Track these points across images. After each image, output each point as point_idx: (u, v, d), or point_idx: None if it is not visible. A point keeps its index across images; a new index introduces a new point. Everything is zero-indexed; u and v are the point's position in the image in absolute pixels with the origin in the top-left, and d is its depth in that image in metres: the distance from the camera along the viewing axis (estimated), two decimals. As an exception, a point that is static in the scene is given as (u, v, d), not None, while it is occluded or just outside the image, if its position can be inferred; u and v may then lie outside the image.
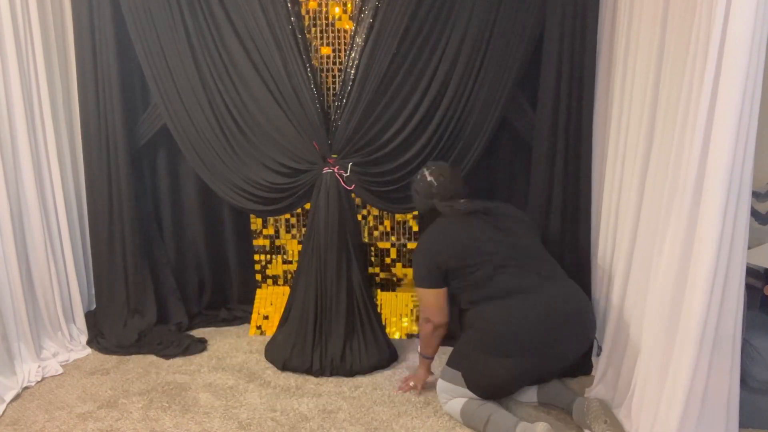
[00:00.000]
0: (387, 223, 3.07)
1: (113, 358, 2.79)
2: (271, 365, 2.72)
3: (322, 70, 2.86)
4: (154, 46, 2.74)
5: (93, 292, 3.09)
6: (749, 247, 1.74)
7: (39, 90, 2.66)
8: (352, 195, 2.79)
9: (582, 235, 2.62)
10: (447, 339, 2.38)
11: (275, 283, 3.23)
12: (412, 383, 2.46)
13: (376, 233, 3.09)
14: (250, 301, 3.17)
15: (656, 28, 2.02)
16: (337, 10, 2.82)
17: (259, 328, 3.08)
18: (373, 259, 3.12)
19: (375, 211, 3.05)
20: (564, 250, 2.62)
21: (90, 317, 3.00)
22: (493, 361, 2.11)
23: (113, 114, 2.81)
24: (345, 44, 2.83)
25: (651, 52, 2.06)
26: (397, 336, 3.00)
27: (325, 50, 2.86)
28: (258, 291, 3.22)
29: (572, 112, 2.53)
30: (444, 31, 2.59)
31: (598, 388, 2.36)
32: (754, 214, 2.47)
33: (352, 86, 2.66)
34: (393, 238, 3.09)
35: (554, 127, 2.56)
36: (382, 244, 3.10)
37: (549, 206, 2.62)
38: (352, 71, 2.66)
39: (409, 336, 2.99)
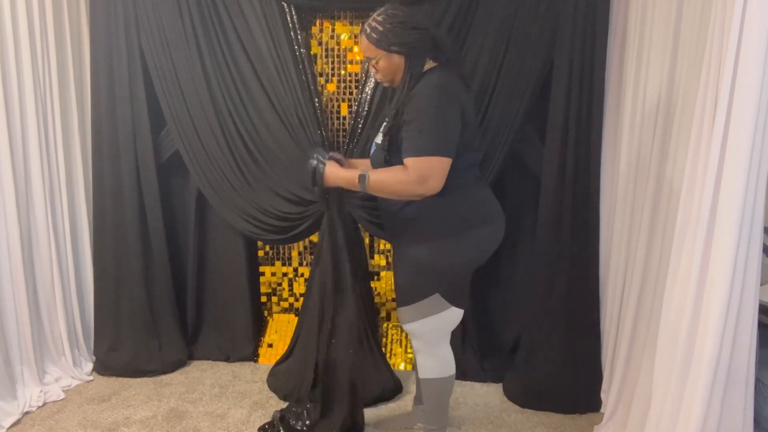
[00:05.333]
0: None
1: (115, 385, 2.77)
2: (273, 394, 2.68)
3: (333, 100, 2.90)
4: (168, 72, 2.79)
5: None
6: (761, 284, 1.72)
7: (54, 114, 2.69)
8: (359, 226, 2.78)
9: (591, 271, 2.60)
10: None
11: (282, 311, 3.22)
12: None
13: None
14: (254, 329, 3.14)
15: (665, 63, 2.04)
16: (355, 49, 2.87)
17: (263, 356, 3.06)
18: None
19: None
20: (573, 282, 2.60)
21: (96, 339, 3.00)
22: (470, 236, 1.95)
23: (125, 140, 2.85)
24: (355, 80, 2.88)
25: (660, 86, 2.08)
26: (401, 367, 2.96)
27: (331, 87, 2.90)
28: (263, 319, 3.20)
29: (580, 145, 2.54)
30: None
31: (607, 425, 2.32)
32: (766, 250, 2.44)
33: (363, 125, 2.67)
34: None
35: (562, 161, 2.56)
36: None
37: (557, 240, 2.61)
38: (365, 107, 2.68)
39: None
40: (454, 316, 2.03)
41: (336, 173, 1.98)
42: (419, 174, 1.79)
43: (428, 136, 1.79)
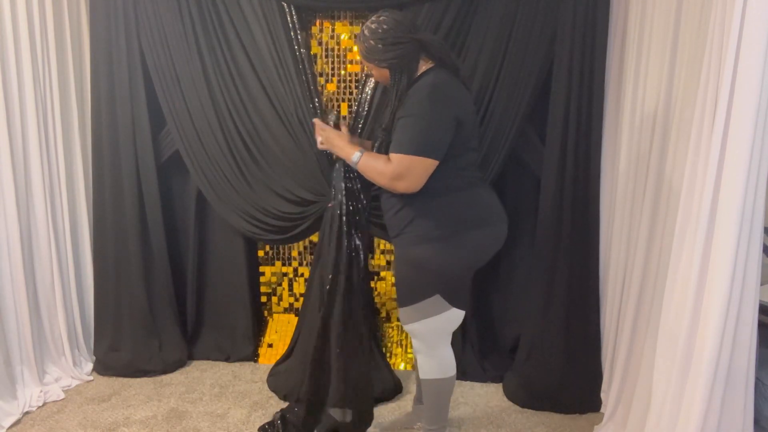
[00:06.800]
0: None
1: (115, 385, 2.77)
2: (273, 394, 2.68)
3: (333, 100, 2.90)
4: (168, 72, 2.79)
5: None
6: (761, 284, 1.72)
7: (54, 114, 2.69)
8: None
9: (591, 268, 2.60)
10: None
11: (282, 311, 3.22)
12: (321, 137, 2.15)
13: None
14: (254, 329, 3.14)
15: (665, 63, 2.04)
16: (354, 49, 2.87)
17: (263, 356, 3.06)
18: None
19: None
20: (573, 282, 2.60)
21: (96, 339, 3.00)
22: (468, 237, 1.94)
23: (125, 140, 2.85)
24: (355, 80, 2.88)
25: (660, 86, 2.08)
26: (401, 367, 2.96)
27: (331, 87, 2.90)
28: (263, 319, 3.20)
29: (580, 145, 2.54)
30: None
31: (607, 425, 2.31)
32: (766, 250, 2.44)
33: (363, 125, 2.67)
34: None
35: (562, 161, 2.57)
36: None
37: (557, 240, 2.61)
38: (365, 107, 2.68)
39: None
40: (454, 317, 2.03)
41: (338, 143, 2.07)
42: (396, 171, 1.83)
43: (413, 135, 1.82)
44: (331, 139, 2.10)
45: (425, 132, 1.81)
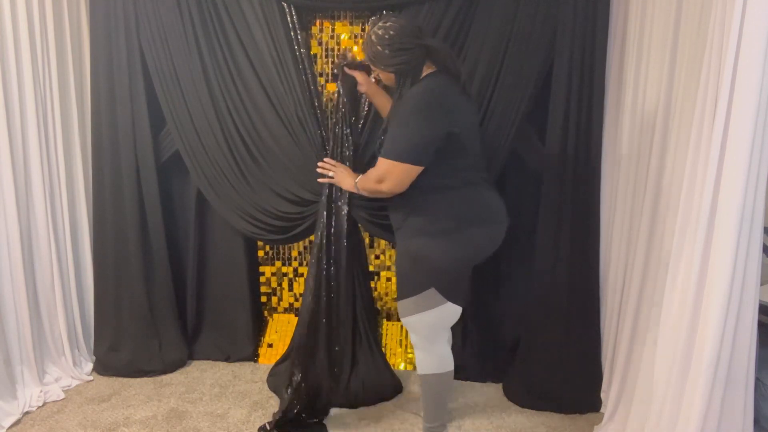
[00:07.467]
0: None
1: (115, 385, 2.77)
2: (273, 394, 2.68)
3: (333, 100, 2.90)
4: (168, 70, 2.78)
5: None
6: (761, 284, 1.72)
7: (54, 114, 2.69)
8: (359, 227, 2.78)
9: (591, 268, 2.60)
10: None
11: (282, 311, 3.22)
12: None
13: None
14: (254, 329, 3.15)
15: (665, 63, 2.04)
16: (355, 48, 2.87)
17: (263, 356, 3.06)
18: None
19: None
20: (573, 282, 2.60)
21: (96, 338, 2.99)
22: (464, 234, 1.98)
23: (125, 140, 2.85)
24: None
25: (660, 86, 2.08)
26: (401, 367, 2.96)
27: (331, 87, 2.90)
28: (263, 319, 3.20)
29: (580, 145, 2.54)
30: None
31: (607, 425, 2.31)
32: (766, 250, 2.44)
33: (364, 125, 2.67)
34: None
35: (562, 161, 2.56)
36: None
37: (557, 240, 2.61)
38: (366, 107, 2.68)
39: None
40: (450, 312, 2.05)
41: (346, 179, 2.27)
42: (377, 174, 1.96)
43: (396, 141, 1.91)
44: (343, 176, 2.29)
45: (407, 139, 1.88)
